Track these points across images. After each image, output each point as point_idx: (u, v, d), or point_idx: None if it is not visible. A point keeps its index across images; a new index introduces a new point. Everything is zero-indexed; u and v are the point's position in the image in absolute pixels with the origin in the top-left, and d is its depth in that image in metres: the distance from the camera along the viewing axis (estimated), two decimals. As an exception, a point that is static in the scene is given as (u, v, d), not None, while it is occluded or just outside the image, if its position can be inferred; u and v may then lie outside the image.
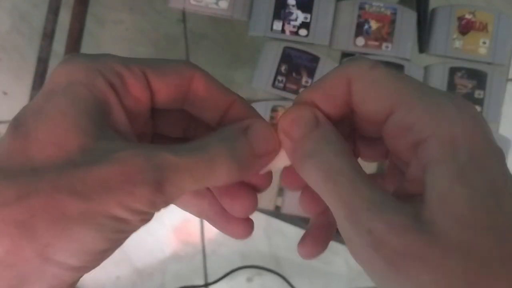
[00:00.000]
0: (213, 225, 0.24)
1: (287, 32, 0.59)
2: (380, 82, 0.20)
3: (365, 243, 0.17)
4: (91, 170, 0.17)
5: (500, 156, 0.18)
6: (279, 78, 0.58)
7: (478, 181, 0.17)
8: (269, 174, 0.23)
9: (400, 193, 0.19)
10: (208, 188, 0.23)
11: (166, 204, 0.19)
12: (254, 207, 0.23)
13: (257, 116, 0.23)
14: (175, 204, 0.24)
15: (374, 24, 0.59)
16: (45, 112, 0.18)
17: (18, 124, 0.18)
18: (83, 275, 0.19)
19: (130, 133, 0.20)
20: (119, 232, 0.18)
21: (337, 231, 0.20)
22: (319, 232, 0.24)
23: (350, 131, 0.23)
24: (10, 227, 0.16)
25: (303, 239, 0.24)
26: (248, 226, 0.24)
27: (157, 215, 0.19)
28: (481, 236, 0.16)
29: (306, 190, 0.23)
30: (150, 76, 0.21)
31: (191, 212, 0.24)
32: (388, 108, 0.19)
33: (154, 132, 0.24)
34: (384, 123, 0.20)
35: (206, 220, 0.24)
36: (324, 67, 0.58)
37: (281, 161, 0.22)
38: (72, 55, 0.20)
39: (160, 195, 0.18)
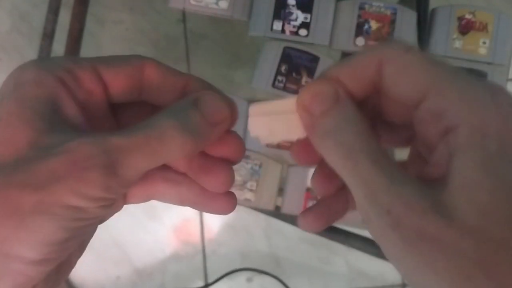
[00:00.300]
0: (198, 209, 0.24)
1: (287, 32, 0.59)
2: (414, 66, 0.19)
3: (383, 223, 0.17)
4: (41, 163, 0.17)
5: None
6: (279, 78, 0.58)
7: (504, 171, 0.17)
8: (240, 146, 0.23)
9: (421, 178, 0.19)
10: (183, 174, 0.23)
11: (123, 186, 0.19)
12: (231, 180, 0.23)
13: (216, 91, 0.22)
14: (156, 198, 0.24)
15: (374, 24, 0.59)
16: None
17: None
18: (48, 269, 0.19)
19: (84, 126, 0.21)
20: (76, 220, 0.18)
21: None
22: (325, 209, 0.24)
23: (372, 114, 0.23)
24: None
25: (307, 211, 0.23)
26: (230, 198, 0.23)
27: (157, 215, 0.19)
28: (498, 225, 0.16)
29: (320, 169, 0.23)
30: (100, 69, 0.21)
31: (173, 203, 0.24)
32: (421, 93, 0.19)
33: (120, 128, 0.24)
34: (414, 108, 0.20)
35: (190, 206, 0.24)
36: (324, 67, 0.58)
37: (295, 133, 0.21)
38: (27, 62, 0.21)
39: (114, 178, 0.18)
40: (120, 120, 0.24)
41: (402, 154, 0.26)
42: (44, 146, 0.18)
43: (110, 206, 0.20)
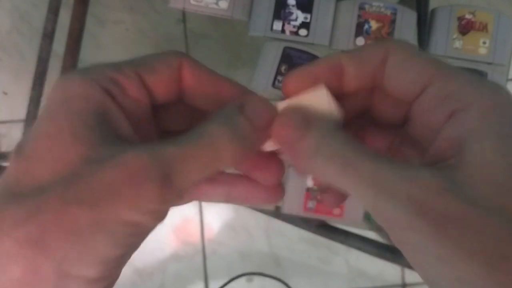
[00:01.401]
0: (244, 204, 0.24)
1: (287, 32, 0.59)
2: (420, 56, 0.20)
3: (405, 213, 0.17)
4: (95, 177, 0.17)
5: None
6: (279, 78, 0.58)
7: None
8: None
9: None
10: (227, 173, 0.23)
11: (178, 197, 0.19)
12: (283, 172, 0.23)
13: (249, 92, 0.23)
14: (201, 200, 0.24)
15: (374, 24, 0.59)
16: (43, 131, 0.19)
17: (19, 148, 0.19)
18: (104, 286, 0.18)
19: (134, 136, 0.20)
20: (132, 236, 0.18)
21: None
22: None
23: (361, 114, 0.23)
24: (23, 247, 0.16)
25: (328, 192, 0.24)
26: (280, 188, 0.23)
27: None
28: None
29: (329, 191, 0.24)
30: (143, 75, 0.21)
31: (218, 201, 0.24)
32: (427, 78, 0.19)
33: (160, 131, 0.24)
34: (417, 96, 0.20)
35: (235, 203, 0.24)
36: (324, 67, 0.58)
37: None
38: (67, 72, 0.20)
39: (169, 189, 0.18)
40: (160, 120, 0.24)
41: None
42: (97, 160, 0.18)
43: (163, 217, 0.19)
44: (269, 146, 0.22)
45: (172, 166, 0.18)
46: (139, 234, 0.19)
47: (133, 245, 0.19)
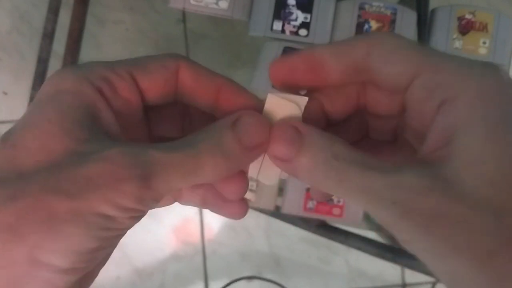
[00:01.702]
0: (215, 212, 0.24)
1: (287, 32, 0.59)
2: (405, 46, 0.20)
3: (391, 215, 0.17)
4: (77, 169, 0.17)
5: None
6: (279, 78, 0.58)
7: (509, 140, 0.17)
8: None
9: (416, 161, 0.19)
10: None
11: (154, 200, 0.19)
12: (246, 189, 0.23)
13: (248, 96, 0.22)
14: (181, 202, 0.24)
15: (374, 24, 0.59)
16: (32, 121, 0.19)
17: (6, 136, 0.19)
18: (74, 279, 0.18)
19: (121, 135, 0.21)
20: (107, 230, 0.18)
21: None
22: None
23: (357, 110, 0.23)
24: None
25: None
26: (243, 205, 0.24)
27: (157, 215, 0.19)
28: (510, 195, 0.16)
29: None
30: (137, 76, 0.21)
31: (196, 205, 0.24)
32: (413, 69, 0.19)
33: (151, 134, 0.24)
34: (405, 88, 0.20)
35: (209, 209, 0.24)
36: (324, 67, 0.58)
37: (272, 177, 0.22)
38: (63, 67, 0.21)
39: (147, 191, 0.18)
40: (152, 124, 0.24)
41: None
42: (81, 154, 0.18)
43: (139, 218, 0.19)
44: (261, 177, 0.22)
45: (153, 170, 0.18)
46: (113, 229, 0.18)
47: (107, 241, 0.19)
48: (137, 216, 0.19)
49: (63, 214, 0.17)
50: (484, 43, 0.59)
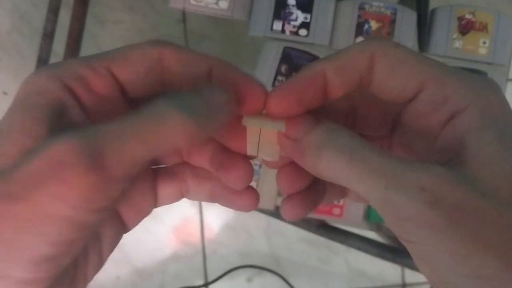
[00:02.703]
0: (225, 205, 0.23)
1: (287, 32, 0.59)
2: (409, 59, 0.19)
3: (417, 201, 0.16)
4: (19, 168, 0.15)
5: None
6: (279, 78, 0.58)
7: None
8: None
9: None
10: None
11: (115, 183, 0.16)
12: (250, 176, 0.22)
13: (241, 73, 0.21)
14: (187, 196, 0.23)
15: (374, 24, 0.59)
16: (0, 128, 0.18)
17: None
18: (47, 286, 0.17)
19: None
20: (66, 233, 0.16)
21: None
22: (300, 200, 0.23)
23: (346, 121, 0.23)
24: None
25: (288, 199, 0.22)
26: (252, 195, 0.22)
27: (157, 215, 0.19)
28: None
29: (285, 169, 0.22)
30: (115, 70, 0.19)
31: (203, 200, 0.24)
32: (419, 83, 0.19)
33: None
34: (409, 101, 0.20)
35: (218, 202, 0.23)
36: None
37: (269, 154, 0.21)
38: (41, 68, 0.20)
39: (100, 173, 0.15)
40: None
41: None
42: (32, 150, 0.16)
43: (104, 210, 0.17)
44: (262, 153, 0.21)
45: (104, 146, 0.15)
46: (74, 230, 0.16)
47: (72, 243, 0.16)
48: (99, 207, 0.16)
49: (11, 220, 0.15)
50: (484, 43, 0.59)
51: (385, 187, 0.17)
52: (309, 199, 0.22)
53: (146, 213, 0.23)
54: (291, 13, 0.59)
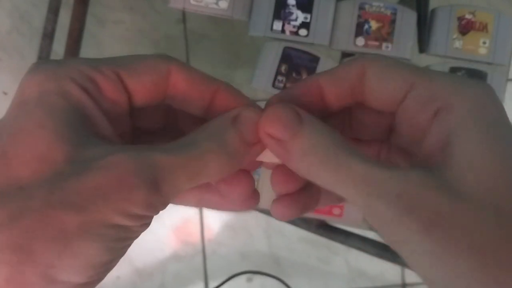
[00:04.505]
0: (216, 209, 0.23)
1: (287, 32, 0.59)
2: (397, 65, 0.20)
3: (396, 210, 0.17)
4: (83, 180, 0.16)
5: None
6: (279, 78, 0.58)
7: (503, 146, 0.17)
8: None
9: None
10: None
11: (164, 205, 0.18)
12: (252, 189, 0.22)
13: (246, 101, 0.22)
14: (173, 202, 0.24)
15: (374, 24, 0.59)
16: (21, 127, 0.17)
17: None
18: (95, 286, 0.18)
19: (114, 136, 0.20)
20: (121, 241, 0.18)
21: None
22: (294, 201, 0.23)
23: (344, 133, 0.23)
24: (7, 253, 0.15)
25: (279, 199, 0.23)
26: (253, 196, 0.23)
27: (157, 215, 0.19)
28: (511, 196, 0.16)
29: (279, 170, 0.22)
30: (124, 77, 0.20)
31: (192, 206, 0.24)
32: (407, 84, 0.19)
33: (133, 127, 0.23)
34: (400, 103, 0.20)
35: (206, 207, 0.24)
36: (324, 67, 0.58)
37: (272, 157, 0.21)
38: (39, 62, 0.19)
39: (158, 197, 0.17)
40: (136, 119, 0.23)
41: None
42: (82, 161, 0.17)
43: (149, 224, 0.19)
44: (261, 157, 0.22)
45: (160, 173, 0.17)
46: (127, 239, 0.18)
47: (120, 251, 0.18)
48: (148, 222, 0.19)
49: (74, 229, 0.16)
50: (484, 43, 0.59)
51: (368, 194, 0.18)
52: (300, 201, 0.23)
53: None
54: (291, 13, 0.59)
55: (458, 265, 0.16)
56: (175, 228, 1.00)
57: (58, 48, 0.75)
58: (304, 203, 0.23)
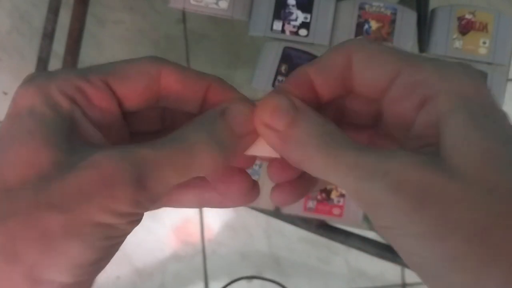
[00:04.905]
0: (218, 207, 0.23)
1: (287, 32, 0.59)
2: (384, 51, 0.20)
3: (382, 188, 0.17)
4: (66, 180, 0.17)
5: (505, 114, 0.18)
6: (279, 78, 0.58)
7: (492, 127, 0.17)
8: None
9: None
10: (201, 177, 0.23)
11: (152, 201, 0.18)
12: (250, 182, 0.22)
13: (236, 94, 0.22)
14: (172, 206, 0.23)
15: (374, 24, 0.59)
16: (12, 134, 0.18)
17: None
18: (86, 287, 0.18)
19: (104, 143, 0.20)
20: (107, 239, 0.17)
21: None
22: (293, 187, 0.23)
23: (335, 119, 0.23)
24: None
25: (278, 186, 0.23)
26: (253, 192, 0.23)
27: (157, 215, 0.19)
28: (502, 173, 0.16)
29: (274, 160, 0.22)
30: (112, 85, 0.20)
31: (191, 207, 0.24)
32: (393, 70, 0.19)
33: (130, 131, 0.23)
34: (386, 89, 0.20)
35: (208, 206, 0.23)
36: (324, 67, 0.58)
37: (265, 151, 0.21)
38: (31, 76, 0.20)
39: (143, 193, 0.17)
40: (131, 123, 0.23)
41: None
42: (68, 164, 0.17)
43: (138, 221, 0.19)
44: (252, 151, 0.21)
45: (146, 169, 0.17)
46: (113, 238, 0.18)
47: (109, 250, 0.18)
48: (136, 220, 0.19)
49: (58, 229, 0.16)
50: (484, 43, 0.59)
51: (357, 180, 0.17)
52: (298, 187, 0.23)
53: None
54: (291, 13, 0.59)
55: (447, 247, 0.16)
56: (175, 228, 1.00)
57: (58, 48, 0.75)
58: (303, 187, 0.23)
